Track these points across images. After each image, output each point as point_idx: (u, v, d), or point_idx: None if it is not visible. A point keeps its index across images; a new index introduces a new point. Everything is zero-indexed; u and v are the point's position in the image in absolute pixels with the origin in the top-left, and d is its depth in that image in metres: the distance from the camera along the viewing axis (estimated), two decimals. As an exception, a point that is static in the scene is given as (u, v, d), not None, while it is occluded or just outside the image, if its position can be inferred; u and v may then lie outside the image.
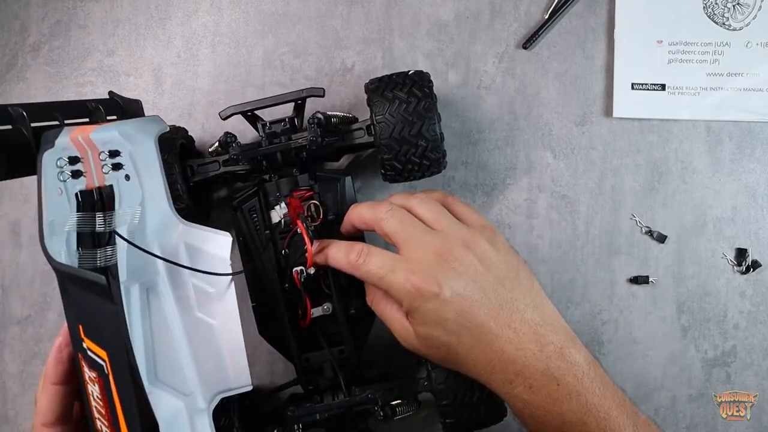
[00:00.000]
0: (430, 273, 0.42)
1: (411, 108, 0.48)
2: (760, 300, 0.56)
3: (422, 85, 0.49)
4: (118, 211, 0.38)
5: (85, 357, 0.37)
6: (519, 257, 0.46)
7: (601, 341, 0.56)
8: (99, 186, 0.38)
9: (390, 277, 0.43)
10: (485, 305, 0.42)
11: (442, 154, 0.49)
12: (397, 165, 0.49)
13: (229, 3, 0.58)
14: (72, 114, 0.41)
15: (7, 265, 0.57)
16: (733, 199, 0.57)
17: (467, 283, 0.42)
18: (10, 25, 0.58)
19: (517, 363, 0.41)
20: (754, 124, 0.57)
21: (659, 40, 0.57)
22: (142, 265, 0.39)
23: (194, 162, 0.50)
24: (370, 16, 0.57)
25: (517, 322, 0.42)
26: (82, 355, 0.37)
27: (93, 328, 0.37)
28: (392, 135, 0.48)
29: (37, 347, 0.57)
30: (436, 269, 0.42)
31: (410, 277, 0.42)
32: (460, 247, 0.43)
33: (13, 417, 0.57)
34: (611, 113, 0.57)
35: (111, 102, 0.44)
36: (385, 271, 0.43)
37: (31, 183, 0.57)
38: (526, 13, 0.57)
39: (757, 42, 0.56)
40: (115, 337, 0.36)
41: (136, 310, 0.37)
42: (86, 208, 0.38)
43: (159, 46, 0.58)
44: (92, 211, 0.38)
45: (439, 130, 0.48)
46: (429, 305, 0.42)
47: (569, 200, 0.57)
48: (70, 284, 0.37)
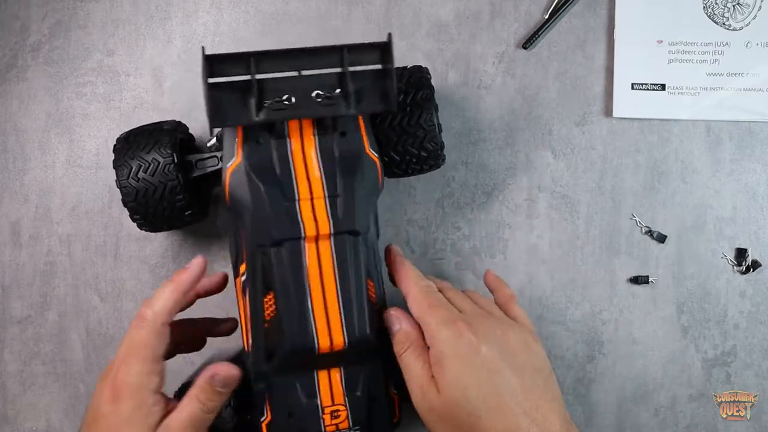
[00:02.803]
0: (473, 325, 0.42)
1: (409, 99, 0.48)
2: (760, 300, 0.56)
3: (420, 77, 0.49)
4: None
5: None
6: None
7: (601, 341, 0.56)
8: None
9: (431, 310, 0.43)
10: (515, 383, 0.41)
11: (440, 146, 0.49)
12: (396, 157, 0.49)
13: (229, 3, 0.58)
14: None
15: (7, 265, 0.57)
16: (733, 199, 0.57)
17: (503, 351, 0.42)
18: (10, 25, 0.58)
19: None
20: (754, 124, 0.57)
21: (659, 40, 0.57)
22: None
23: (193, 157, 0.50)
24: (370, 16, 0.57)
25: (545, 410, 0.41)
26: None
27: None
28: (390, 125, 0.48)
29: (37, 347, 0.57)
30: (478, 327, 0.42)
31: (453, 319, 0.42)
32: (493, 327, 0.43)
33: (13, 417, 0.57)
34: (611, 113, 0.57)
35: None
36: (428, 304, 0.43)
37: (31, 183, 0.57)
38: (526, 13, 0.57)
39: (757, 42, 0.56)
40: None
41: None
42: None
43: (159, 46, 0.58)
44: None
45: (437, 120, 0.48)
46: (461, 349, 0.41)
47: (569, 200, 0.57)
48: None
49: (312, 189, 0.44)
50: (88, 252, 0.57)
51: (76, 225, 0.57)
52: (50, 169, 0.58)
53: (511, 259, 0.57)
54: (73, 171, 0.58)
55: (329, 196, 0.44)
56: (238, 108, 0.43)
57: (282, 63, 0.43)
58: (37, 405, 0.57)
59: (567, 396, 0.56)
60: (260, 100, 0.43)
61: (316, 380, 0.44)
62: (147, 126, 0.50)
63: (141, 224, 0.50)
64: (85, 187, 0.57)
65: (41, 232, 0.57)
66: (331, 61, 0.43)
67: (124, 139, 0.49)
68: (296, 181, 0.44)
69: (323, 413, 0.44)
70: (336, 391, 0.44)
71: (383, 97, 0.44)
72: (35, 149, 0.58)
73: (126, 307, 0.57)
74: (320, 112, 0.43)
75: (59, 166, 0.58)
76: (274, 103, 0.43)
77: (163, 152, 0.48)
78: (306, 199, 0.44)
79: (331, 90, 0.43)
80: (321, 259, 0.43)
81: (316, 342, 0.42)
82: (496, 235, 0.57)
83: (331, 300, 0.43)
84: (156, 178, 0.47)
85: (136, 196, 0.47)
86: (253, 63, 0.42)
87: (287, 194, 0.43)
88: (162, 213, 0.48)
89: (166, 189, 0.47)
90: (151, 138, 0.48)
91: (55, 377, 0.57)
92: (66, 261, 0.57)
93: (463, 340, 0.41)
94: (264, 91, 0.43)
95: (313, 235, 0.43)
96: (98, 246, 0.57)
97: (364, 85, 0.44)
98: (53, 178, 0.58)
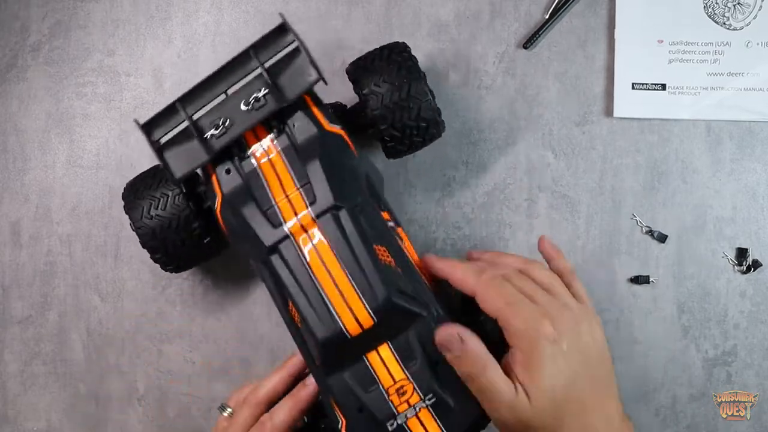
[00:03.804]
0: (555, 321, 0.40)
1: (394, 73, 0.48)
2: (760, 300, 0.56)
3: (399, 51, 0.49)
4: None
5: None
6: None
7: (601, 341, 0.56)
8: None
9: (511, 309, 0.40)
10: (587, 380, 0.40)
11: (437, 113, 0.49)
12: (396, 133, 0.49)
13: (230, 3, 0.58)
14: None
15: (7, 265, 0.57)
16: (734, 199, 0.57)
17: (579, 347, 0.41)
18: (10, 25, 0.58)
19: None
20: (755, 124, 0.57)
21: (660, 40, 0.57)
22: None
23: (201, 189, 0.49)
24: (370, 16, 0.57)
25: (608, 407, 0.41)
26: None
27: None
28: (383, 103, 0.47)
29: (37, 347, 0.57)
30: (559, 323, 0.40)
31: (538, 318, 0.40)
32: (570, 320, 0.41)
33: (13, 417, 0.57)
34: (612, 113, 0.57)
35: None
36: (505, 302, 0.41)
37: (31, 183, 0.57)
38: (526, 13, 0.57)
39: (758, 42, 0.56)
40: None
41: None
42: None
43: (159, 46, 0.58)
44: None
45: (427, 87, 0.48)
46: (549, 350, 0.39)
47: (570, 200, 0.57)
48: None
49: (284, 187, 0.44)
50: (89, 252, 0.57)
51: (76, 225, 0.57)
52: (50, 169, 0.58)
53: (511, 259, 0.57)
54: (74, 171, 0.58)
55: (301, 186, 0.44)
56: (188, 154, 0.45)
57: (206, 93, 0.45)
58: (37, 405, 0.57)
59: (567, 396, 0.56)
60: (203, 137, 0.45)
61: (368, 365, 0.43)
62: (148, 170, 0.50)
63: (164, 263, 0.49)
64: (85, 187, 0.57)
65: (41, 232, 0.57)
66: (246, 67, 0.45)
67: (131, 185, 0.49)
68: (269, 187, 0.44)
69: (389, 395, 0.42)
70: (392, 367, 0.43)
71: (305, 72, 0.45)
72: (35, 149, 0.58)
73: (126, 307, 0.57)
74: (254, 118, 0.45)
75: (59, 166, 0.58)
76: (216, 133, 0.45)
77: (170, 185, 0.48)
78: (282, 200, 0.44)
79: (257, 93, 0.45)
80: (316, 246, 0.43)
81: (342, 326, 0.41)
82: (496, 235, 0.57)
83: (341, 280, 0.42)
84: (168, 211, 0.47)
85: (153, 234, 0.47)
86: (181, 108, 0.45)
87: (263, 204, 0.44)
88: (182, 246, 0.48)
89: (180, 220, 0.47)
90: (156, 177, 0.49)
91: (56, 377, 0.57)
92: (66, 261, 0.57)
93: (550, 341, 0.40)
94: (204, 126, 0.45)
95: (298, 228, 0.43)
96: (98, 246, 0.57)
97: (284, 72, 0.45)
98: (53, 178, 0.58)
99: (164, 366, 0.57)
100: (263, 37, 0.45)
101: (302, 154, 0.45)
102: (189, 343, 0.57)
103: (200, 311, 0.57)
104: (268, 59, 0.45)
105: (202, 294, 0.57)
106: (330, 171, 0.44)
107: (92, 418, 0.57)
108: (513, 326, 0.40)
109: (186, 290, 0.57)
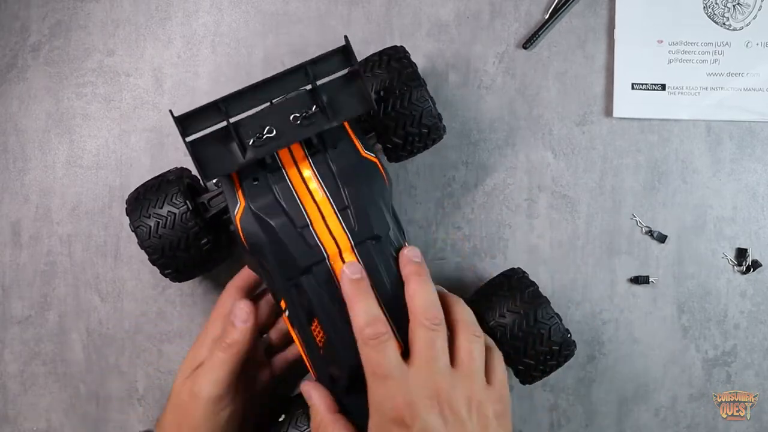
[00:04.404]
0: (418, 402, 0.40)
1: (394, 81, 0.47)
2: (760, 300, 0.56)
3: (399, 57, 0.49)
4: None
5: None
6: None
7: (601, 341, 0.56)
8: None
9: (380, 383, 0.40)
10: None
11: (438, 118, 0.49)
12: (398, 140, 0.49)
13: (230, 3, 0.58)
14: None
15: (7, 265, 0.57)
16: (734, 199, 0.57)
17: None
18: (10, 25, 0.58)
19: None
20: (754, 124, 0.57)
21: (659, 40, 0.57)
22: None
23: (204, 197, 0.49)
24: (370, 16, 0.57)
25: None
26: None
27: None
28: (385, 110, 0.47)
29: (37, 347, 0.57)
30: (427, 403, 0.40)
31: (399, 392, 0.40)
32: (464, 401, 0.41)
33: (13, 417, 0.57)
34: (611, 113, 0.57)
35: None
36: (384, 371, 0.40)
37: (31, 183, 0.57)
38: (526, 13, 0.57)
39: (757, 42, 0.56)
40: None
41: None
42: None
43: (159, 46, 0.58)
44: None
45: (428, 94, 0.48)
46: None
47: (570, 200, 0.57)
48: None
49: (321, 209, 0.44)
50: (89, 252, 0.57)
51: (76, 225, 0.57)
52: (50, 170, 0.58)
53: (511, 259, 0.57)
54: (74, 171, 0.58)
55: (339, 210, 0.44)
56: (223, 155, 0.44)
57: (251, 99, 0.44)
58: (37, 405, 0.57)
59: (568, 396, 0.56)
60: (242, 141, 0.43)
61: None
62: (152, 180, 0.49)
63: (174, 277, 0.49)
64: (85, 188, 0.57)
65: (41, 232, 0.57)
66: (298, 81, 0.44)
67: (134, 199, 0.48)
68: (303, 206, 0.44)
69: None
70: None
71: (359, 98, 0.44)
72: (35, 149, 0.58)
73: (126, 307, 0.57)
74: (303, 134, 0.44)
75: (59, 166, 0.58)
76: (256, 140, 0.43)
77: (176, 203, 0.47)
78: (318, 221, 0.44)
79: (307, 109, 0.44)
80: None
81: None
82: (496, 235, 0.57)
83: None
84: (176, 230, 0.46)
85: (162, 253, 0.47)
86: (223, 108, 0.43)
87: (297, 222, 0.43)
88: (192, 260, 0.48)
89: (189, 237, 0.47)
90: (160, 192, 0.47)
91: (56, 377, 0.57)
92: (66, 261, 0.57)
93: (398, 419, 0.40)
94: (243, 131, 0.44)
95: (335, 253, 0.43)
96: (98, 246, 0.57)
97: (337, 93, 0.44)
98: (53, 179, 0.58)
99: (164, 366, 0.57)
100: (323, 55, 0.44)
101: (340, 178, 0.44)
102: (189, 343, 0.57)
103: (200, 311, 0.57)
104: (323, 76, 0.44)
105: (202, 294, 0.57)
106: (368, 197, 0.44)
107: (92, 418, 0.57)
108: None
109: (186, 290, 0.57)
